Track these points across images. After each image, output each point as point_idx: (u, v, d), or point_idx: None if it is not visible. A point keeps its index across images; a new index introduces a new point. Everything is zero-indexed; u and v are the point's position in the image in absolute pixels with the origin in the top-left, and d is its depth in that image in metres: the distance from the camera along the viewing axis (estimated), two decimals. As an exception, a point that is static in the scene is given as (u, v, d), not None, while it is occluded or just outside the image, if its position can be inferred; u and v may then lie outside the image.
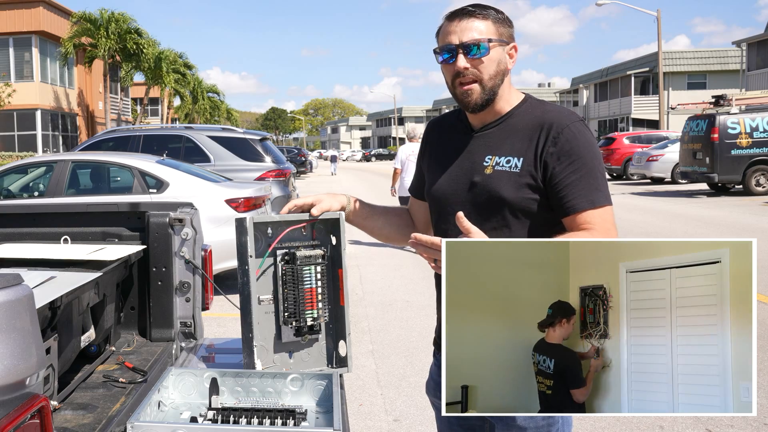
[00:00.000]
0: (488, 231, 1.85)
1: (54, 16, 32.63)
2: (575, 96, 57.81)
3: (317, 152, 75.51)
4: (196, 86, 44.18)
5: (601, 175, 1.84)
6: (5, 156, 26.31)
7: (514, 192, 1.82)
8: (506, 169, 1.84)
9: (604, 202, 1.81)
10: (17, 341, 1.26)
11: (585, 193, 1.79)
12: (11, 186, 8.52)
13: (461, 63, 1.83)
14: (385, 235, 2.19)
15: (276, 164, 10.84)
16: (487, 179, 1.86)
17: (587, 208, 1.79)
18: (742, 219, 13.02)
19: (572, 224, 1.81)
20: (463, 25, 1.83)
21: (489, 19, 1.85)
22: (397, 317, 6.61)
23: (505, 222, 1.84)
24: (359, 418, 4.17)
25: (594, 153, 1.83)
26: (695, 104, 20.87)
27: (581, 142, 1.81)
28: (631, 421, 3.98)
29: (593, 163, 1.82)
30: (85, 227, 2.73)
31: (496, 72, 1.85)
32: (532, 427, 1.86)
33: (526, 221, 1.84)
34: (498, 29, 1.86)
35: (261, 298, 1.97)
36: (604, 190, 1.83)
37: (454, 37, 1.84)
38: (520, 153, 1.84)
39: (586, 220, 1.79)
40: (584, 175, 1.80)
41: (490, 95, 1.86)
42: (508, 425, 1.87)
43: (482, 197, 1.86)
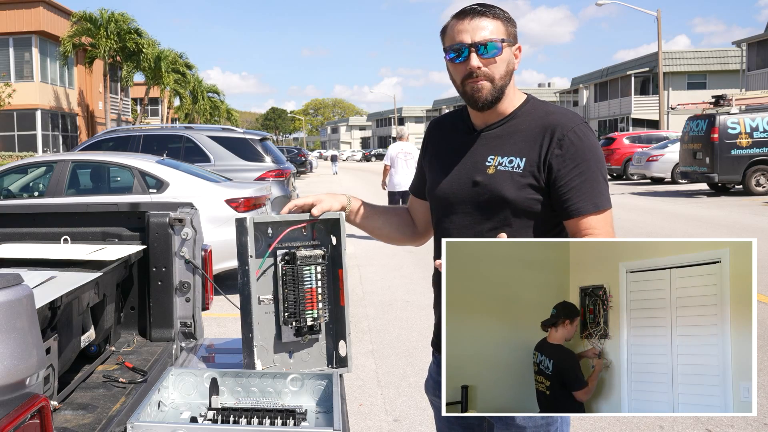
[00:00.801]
0: (489, 231, 1.85)
1: (54, 16, 32.63)
2: (575, 96, 57.81)
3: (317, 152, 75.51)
4: (196, 86, 44.18)
5: (603, 178, 1.85)
6: (5, 156, 26.31)
7: (516, 192, 1.82)
8: (509, 169, 1.84)
9: (607, 205, 1.83)
10: (17, 341, 1.26)
11: (589, 197, 1.80)
12: (11, 186, 8.52)
13: (474, 62, 1.82)
14: (385, 234, 2.19)
15: (276, 164, 10.85)
16: (489, 179, 1.86)
17: (591, 212, 1.80)
18: (742, 219, 13.02)
19: (575, 227, 1.82)
20: (475, 24, 1.82)
21: (499, 19, 1.85)
22: (397, 317, 6.61)
23: (506, 222, 1.84)
24: (359, 418, 4.17)
25: (597, 156, 1.84)
26: (695, 104, 20.87)
27: (586, 145, 1.82)
28: (631, 421, 3.98)
29: (597, 166, 1.83)
30: (85, 227, 2.73)
31: (506, 72, 1.85)
32: (531, 427, 1.86)
33: (527, 221, 1.84)
34: (507, 29, 1.86)
35: (261, 298, 1.97)
36: (606, 194, 1.84)
37: (466, 36, 1.82)
38: (522, 153, 1.84)
39: (590, 224, 1.80)
40: (588, 178, 1.81)
41: (499, 94, 1.86)
42: (507, 424, 1.88)
43: (484, 197, 1.86)
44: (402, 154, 11.12)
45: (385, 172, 11.30)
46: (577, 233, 1.82)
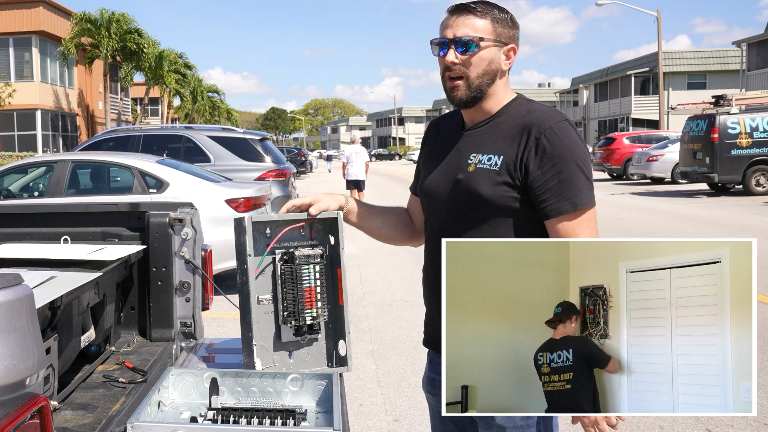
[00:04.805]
0: (469, 229, 1.86)
1: (54, 16, 32.62)
2: (575, 96, 57.81)
3: (317, 152, 75.52)
4: (196, 86, 44.18)
5: (584, 175, 1.80)
6: (5, 156, 26.30)
7: (491, 189, 1.82)
8: (486, 167, 1.85)
9: (587, 203, 1.79)
10: (17, 341, 1.26)
11: (567, 196, 1.77)
12: (11, 186, 8.52)
13: (450, 57, 1.85)
14: (384, 234, 2.19)
15: (276, 164, 10.85)
16: (468, 176, 1.87)
17: (569, 211, 1.78)
18: (742, 219, 13.02)
19: (553, 228, 1.79)
20: (460, 21, 1.85)
21: (488, 18, 1.85)
22: (397, 317, 6.61)
23: (484, 220, 1.84)
24: (359, 418, 4.17)
25: (577, 153, 1.80)
26: (695, 104, 20.87)
27: (565, 144, 1.79)
28: (631, 421, 3.98)
29: (576, 164, 1.79)
30: (85, 227, 2.73)
31: (485, 71, 1.85)
32: (510, 427, 1.86)
33: (505, 219, 1.83)
34: (496, 29, 1.85)
35: (260, 298, 1.97)
36: (588, 192, 1.80)
37: (449, 31, 1.86)
38: (500, 151, 1.84)
39: (569, 225, 1.77)
40: (567, 177, 1.78)
41: (477, 93, 1.86)
42: (488, 424, 1.88)
43: (463, 195, 1.87)
44: (354, 153, 17.02)
45: (344, 166, 17.14)
46: (555, 235, 1.78)
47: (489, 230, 1.83)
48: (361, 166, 16.99)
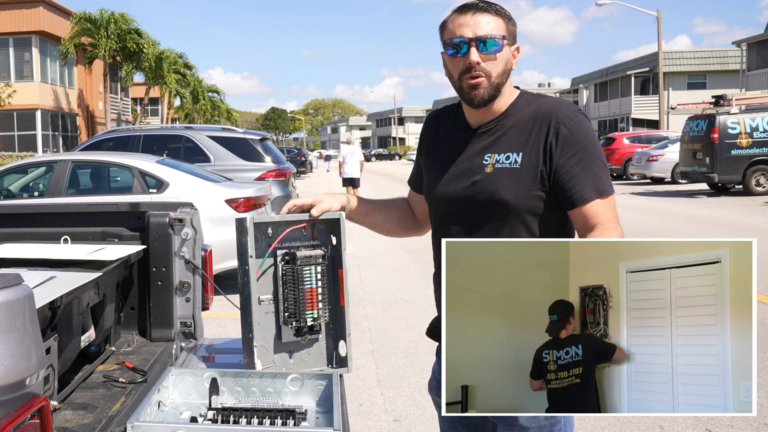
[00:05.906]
0: (488, 231, 1.84)
1: (54, 16, 32.62)
2: (575, 96, 57.79)
3: (317, 152, 75.51)
4: (196, 86, 44.18)
5: (603, 163, 1.84)
6: (5, 156, 26.30)
7: (515, 188, 1.81)
8: (506, 166, 1.83)
9: (609, 190, 1.82)
10: (17, 341, 1.26)
11: (591, 183, 1.79)
12: (11, 186, 8.52)
13: (474, 57, 1.79)
14: (387, 229, 2.20)
15: (276, 164, 10.85)
16: (487, 178, 1.84)
17: (595, 198, 1.79)
18: (742, 219, 13.02)
19: (579, 215, 1.80)
20: (477, 19, 1.80)
21: (501, 17, 1.83)
22: (397, 317, 6.61)
23: (505, 220, 1.83)
24: (359, 418, 4.17)
25: (595, 142, 1.83)
26: (695, 104, 20.88)
27: (582, 131, 1.81)
28: (631, 421, 3.98)
29: (595, 152, 1.82)
30: (85, 227, 2.73)
31: (504, 71, 1.84)
32: (535, 427, 1.85)
33: (526, 218, 1.82)
34: (508, 27, 1.85)
35: (261, 298, 1.97)
36: (607, 179, 1.83)
37: (467, 30, 1.80)
38: (518, 148, 1.83)
39: (595, 210, 1.78)
40: (588, 165, 1.79)
41: (495, 92, 1.84)
42: (511, 425, 1.86)
43: (482, 196, 1.84)
44: (350, 153, 18.24)
45: (340, 165, 18.40)
46: (582, 221, 1.80)
47: (509, 232, 1.82)
48: (356, 165, 18.20)
